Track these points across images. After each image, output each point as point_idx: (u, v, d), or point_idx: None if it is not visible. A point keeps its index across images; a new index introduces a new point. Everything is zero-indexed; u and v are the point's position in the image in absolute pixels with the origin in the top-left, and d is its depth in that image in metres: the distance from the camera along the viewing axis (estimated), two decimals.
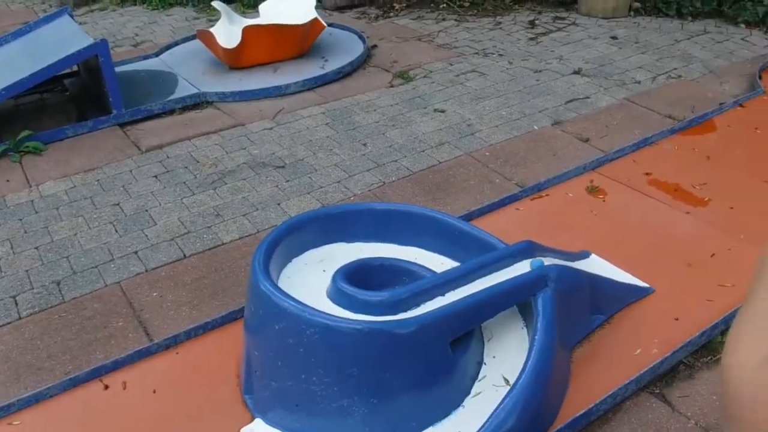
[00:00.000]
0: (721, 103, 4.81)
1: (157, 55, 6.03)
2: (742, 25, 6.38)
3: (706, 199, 3.76)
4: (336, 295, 2.50)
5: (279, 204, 3.88)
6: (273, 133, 4.68)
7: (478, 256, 2.71)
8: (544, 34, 6.42)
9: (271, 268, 2.55)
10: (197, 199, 3.96)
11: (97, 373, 2.76)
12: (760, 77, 5.18)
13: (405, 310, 2.43)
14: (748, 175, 3.98)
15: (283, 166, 4.25)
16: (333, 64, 5.68)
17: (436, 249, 2.92)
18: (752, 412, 0.79)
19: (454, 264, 2.82)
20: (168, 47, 6.16)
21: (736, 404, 0.81)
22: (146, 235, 3.66)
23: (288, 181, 4.09)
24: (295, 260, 2.78)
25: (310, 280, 2.66)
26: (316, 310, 2.31)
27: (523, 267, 2.69)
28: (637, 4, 6.86)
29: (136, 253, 3.52)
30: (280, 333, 2.38)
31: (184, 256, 3.49)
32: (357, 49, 6.00)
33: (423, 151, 4.36)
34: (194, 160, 4.38)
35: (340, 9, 7.44)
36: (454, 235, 2.89)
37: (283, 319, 2.36)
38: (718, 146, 4.32)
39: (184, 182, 4.14)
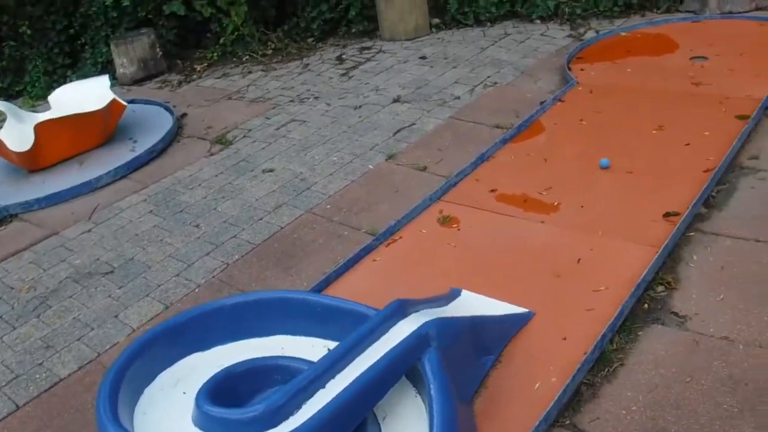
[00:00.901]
0: (541, 102, 4.84)
1: None
2: (538, 21, 6.57)
3: (556, 203, 3.71)
4: (204, 422, 2.18)
5: (116, 316, 3.45)
6: (93, 236, 4.22)
7: (349, 329, 2.47)
8: (354, 67, 6.31)
9: (120, 410, 2.19)
10: (20, 333, 3.46)
11: None
12: (569, 68, 5.29)
13: (286, 418, 2.16)
14: (585, 168, 3.98)
15: (111, 272, 3.82)
16: (144, 144, 5.28)
17: (302, 332, 2.66)
18: None
19: (326, 343, 2.57)
20: None
21: None
22: None
23: (121, 287, 3.67)
24: (147, 390, 2.42)
25: (170, 409, 2.32)
26: None
27: (400, 330, 2.47)
28: (437, 20, 6.92)
29: None
30: None
31: (17, 406, 3.00)
32: (166, 122, 5.62)
33: (261, 218, 4.06)
34: (7, 288, 3.85)
35: (139, 82, 7.02)
36: (317, 312, 2.65)
37: None
38: (551, 146, 4.32)
39: (0, 317, 3.61)
